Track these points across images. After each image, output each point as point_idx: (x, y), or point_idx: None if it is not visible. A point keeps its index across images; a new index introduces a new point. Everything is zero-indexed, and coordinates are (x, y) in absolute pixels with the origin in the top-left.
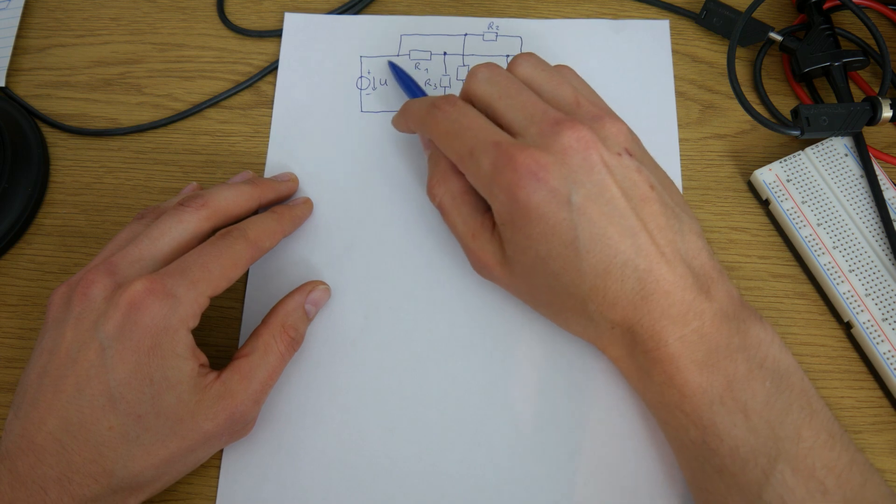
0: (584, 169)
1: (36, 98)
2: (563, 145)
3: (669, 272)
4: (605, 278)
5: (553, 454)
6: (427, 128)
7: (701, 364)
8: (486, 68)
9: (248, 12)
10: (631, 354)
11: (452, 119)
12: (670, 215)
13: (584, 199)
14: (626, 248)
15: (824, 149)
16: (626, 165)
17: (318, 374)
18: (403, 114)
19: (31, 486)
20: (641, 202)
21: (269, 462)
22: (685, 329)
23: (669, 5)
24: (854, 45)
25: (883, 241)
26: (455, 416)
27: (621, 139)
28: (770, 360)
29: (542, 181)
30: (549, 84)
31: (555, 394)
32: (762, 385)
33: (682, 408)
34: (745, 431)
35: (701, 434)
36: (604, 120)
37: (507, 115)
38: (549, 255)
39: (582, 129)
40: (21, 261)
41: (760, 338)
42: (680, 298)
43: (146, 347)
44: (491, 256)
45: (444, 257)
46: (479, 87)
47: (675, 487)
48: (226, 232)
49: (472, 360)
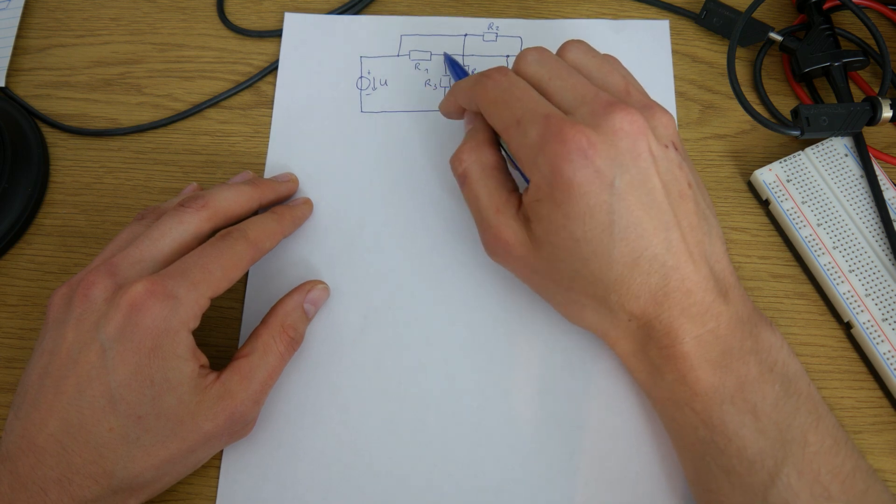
0: (632, 154)
1: (36, 98)
2: (614, 127)
3: (694, 272)
4: (632, 269)
5: (553, 454)
6: (476, 96)
7: (714, 364)
8: (536, 51)
9: (248, 12)
10: (643, 349)
11: (503, 87)
12: (701, 216)
13: (627, 186)
14: (658, 241)
15: (824, 149)
16: (671, 159)
17: (317, 374)
18: (452, 93)
19: (32, 487)
20: (679, 198)
21: (269, 462)
22: (702, 329)
23: (669, 5)
24: (854, 45)
25: (883, 241)
26: (455, 416)
27: (670, 132)
28: (780, 364)
29: (589, 159)
30: (600, 71)
31: (555, 394)
32: (772, 388)
33: (693, 405)
34: (754, 433)
35: (709, 433)
36: (654, 109)
37: (558, 94)
38: (583, 237)
39: (635, 113)
40: (21, 261)
41: (771, 342)
42: (700, 299)
43: (147, 349)
44: (513, 235)
45: (444, 257)
46: (530, 68)
47: (675, 488)
48: (226, 233)
49: (471, 360)
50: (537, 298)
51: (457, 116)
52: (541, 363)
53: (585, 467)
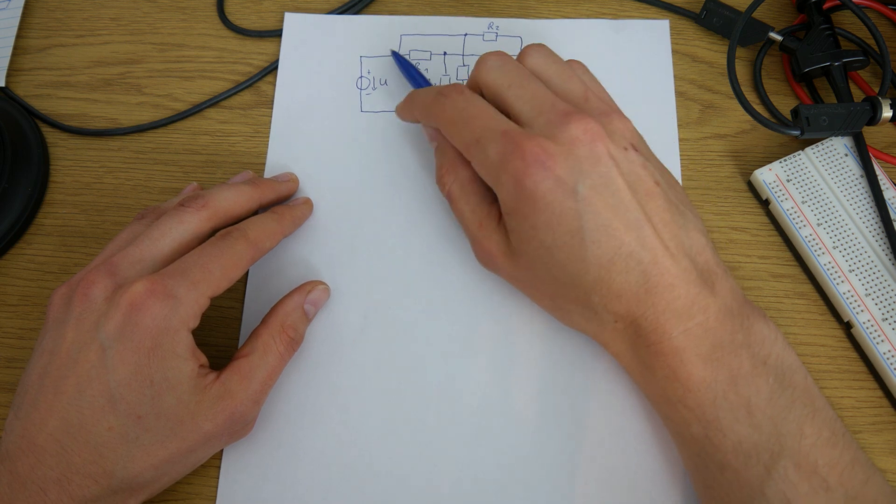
0: (591, 160)
1: (36, 98)
2: (570, 136)
3: (673, 265)
4: (609, 269)
5: (553, 454)
6: (433, 116)
7: (705, 358)
8: (497, 56)
9: (248, 12)
10: (633, 349)
11: (459, 107)
12: (674, 211)
13: (590, 190)
14: (631, 239)
15: (824, 149)
16: (632, 160)
17: (317, 374)
18: (409, 103)
19: (31, 486)
20: (646, 196)
21: (269, 462)
22: (689, 322)
23: (669, 5)
24: (854, 45)
25: (883, 241)
26: (455, 416)
27: (628, 135)
28: (773, 357)
29: (549, 170)
30: (559, 77)
31: (555, 393)
32: (765, 382)
33: (686, 402)
34: (748, 427)
35: (703, 429)
36: (611, 115)
37: (516, 104)
38: (553, 244)
39: (590, 121)
40: (21, 261)
41: (764, 335)
42: (684, 292)
43: (146, 348)
44: (496, 246)
45: (443, 257)
46: (489, 75)
47: (675, 486)
48: (226, 232)
49: (471, 360)
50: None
51: (413, 122)
52: (541, 363)
53: (585, 467)
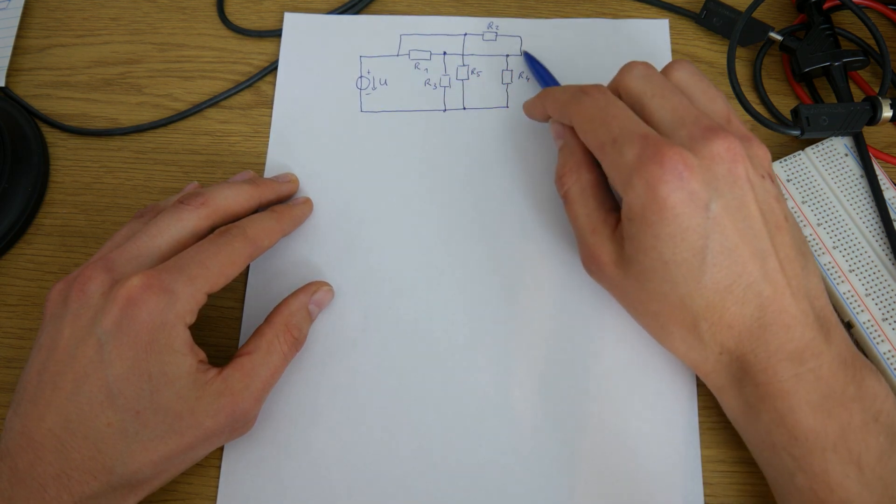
0: (729, 180)
1: (36, 98)
2: (711, 152)
3: (794, 305)
4: (725, 297)
5: (553, 454)
6: (571, 112)
7: (815, 407)
8: (643, 66)
9: (248, 12)
10: (738, 386)
11: (601, 106)
12: (799, 251)
13: (723, 210)
14: (755, 269)
15: (824, 149)
16: (768, 190)
17: (318, 374)
18: (542, 99)
19: (31, 483)
20: (776, 229)
21: (269, 461)
22: (801, 368)
23: (669, 5)
24: (854, 45)
25: (883, 241)
26: (455, 416)
27: (766, 164)
28: (884, 415)
29: (685, 181)
30: (704, 95)
31: (555, 394)
32: (876, 439)
33: (791, 451)
34: (858, 485)
35: (809, 481)
36: (753, 141)
37: (658, 113)
38: (672, 259)
39: (734, 140)
40: (21, 261)
41: (876, 391)
42: (799, 335)
43: (143, 343)
44: (607, 254)
45: (443, 257)
46: (634, 82)
47: (674, 487)
48: (225, 230)
49: (472, 360)
50: (537, 298)
51: (540, 120)
52: (541, 363)
53: (585, 467)
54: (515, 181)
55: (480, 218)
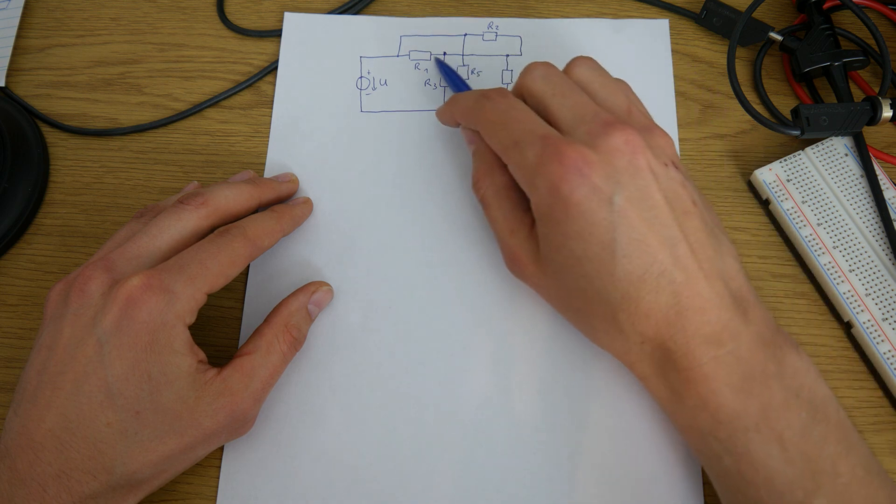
0: (630, 172)
1: (36, 98)
2: (610, 146)
3: (707, 288)
4: (639, 287)
5: (553, 454)
6: (475, 117)
7: (736, 388)
8: (543, 66)
9: (248, 12)
10: (662, 373)
11: (501, 109)
12: (710, 234)
13: (627, 202)
14: (665, 257)
15: (824, 149)
16: (672, 177)
17: (318, 374)
18: (451, 105)
19: (31, 483)
20: (684, 215)
21: (269, 461)
22: (720, 350)
23: (669, 5)
24: (854, 45)
25: (883, 241)
26: (455, 416)
27: (669, 152)
28: (806, 389)
29: (586, 177)
30: (604, 89)
31: (555, 394)
32: (798, 415)
33: (716, 434)
34: (782, 462)
35: (735, 463)
36: (654, 130)
37: (559, 112)
38: (584, 255)
39: (632, 132)
40: (21, 261)
41: (797, 366)
42: (716, 317)
43: (143, 343)
44: (526, 254)
45: (444, 257)
46: (535, 84)
47: (674, 487)
48: (224, 230)
49: (471, 360)
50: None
51: (451, 125)
52: (541, 363)
53: (585, 467)
54: None
55: (480, 218)
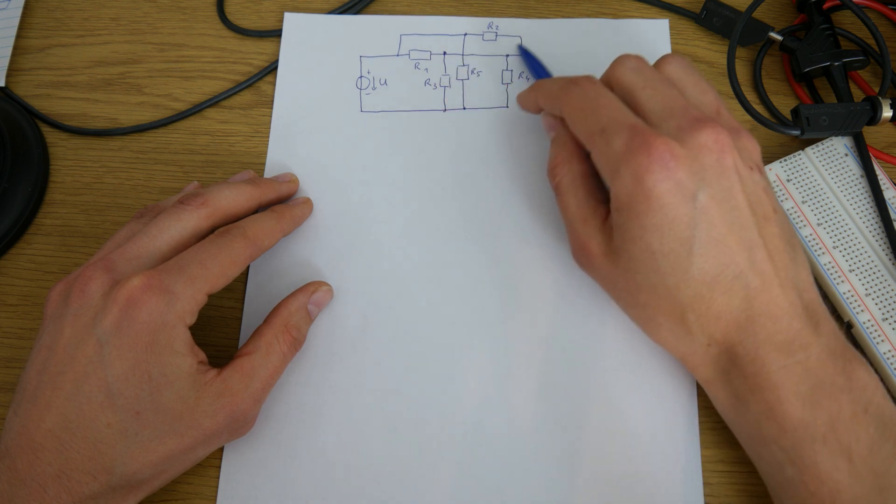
0: (716, 170)
1: (36, 98)
2: (699, 143)
3: (782, 296)
4: (712, 287)
5: (553, 454)
6: (561, 103)
7: (804, 398)
8: (635, 58)
9: (248, 12)
10: (726, 378)
11: (590, 96)
12: (787, 242)
13: (710, 200)
14: (742, 260)
15: (824, 149)
16: (756, 181)
17: (317, 374)
18: (535, 90)
19: (31, 483)
20: (764, 220)
21: (269, 461)
22: (790, 359)
23: (669, 5)
24: (854, 45)
25: (883, 241)
26: (455, 416)
27: (755, 156)
28: (874, 406)
29: (672, 171)
30: (695, 88)
31: (555, 394)
32: (866, 431)
33: (781, 443)
34: (848, 477)
35: (798, 473)
36: (742, 133)
37: (648, 104)
38: (660, 249)
39: (721, 131)
40: (21, 261)
41: (865, 381)
42: (787, 326)
43: (144, 343)
44: (596, 245)
45: (444, 257)
46: (625, 74)
47: (674, 487)
48: (225, 230)
49: (472, 360)
50: (537, 297)
51: (533, 111)
52: (541, 363)
53: (585, 467)
54: (515, 181)
55: (480, 218)
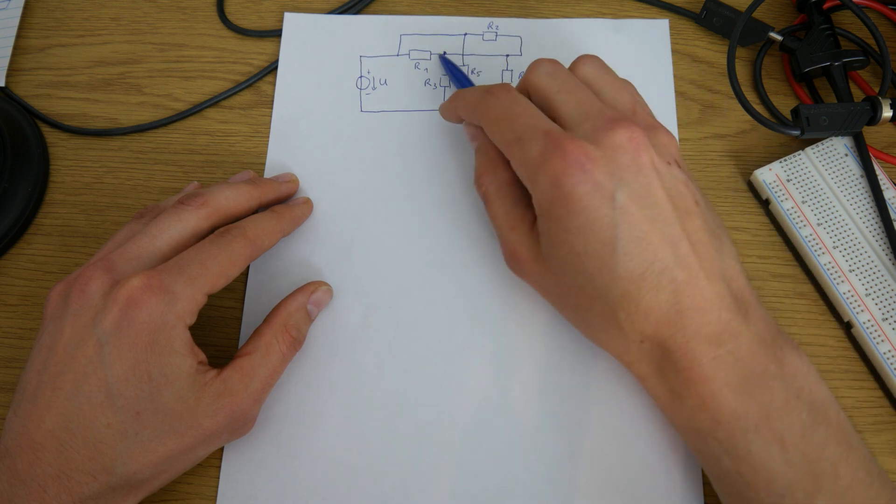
0: (633, 169)
1: (36, 98)
2: (614, 142)
3: (709, 288)
4: (639, 285)
5: (553, 454)
6: (478, 113)
7: (736, 389)
8: (549, 63)
9: (248, 12)
10: (661, 373)
11: (505, 105)
12: (712, 234)
13: (629, 199)
14: (666, 255)
15: (824, 149)
16: (675, 176)
17: (318, 374)
18: (454, 101)
19: (31, 483)
20: (686, 214)
21: (269, 461)
22: (720, 350)
23: (669, 5)
24: (854, 45)
25: (883, 241)
26: (455, 416)
27: (673, 151)
28: (806, 391)
29: (589, 173)
30: (610, 88)
31: (555, 394)
32: (798, 417)
33: (716, 435)
34: (782, 464)
35: (735, 464)
36: (658, 129)
37: (563, 108)
38: (584, 251)
39: (636, 130)
40: (21, 261)
41: (797, 367)
42: (716, 318)
43: (144, 344)
44: (525, 250)
45: (444, 256)
46: (540, 79)
47: (674, 487)
48: (225, 230)
49: (472, 360)
50: (536, 297)
51: (455, 122)
52: (541, 362)
53: (585, 467)
54: None
55: (480, 217)
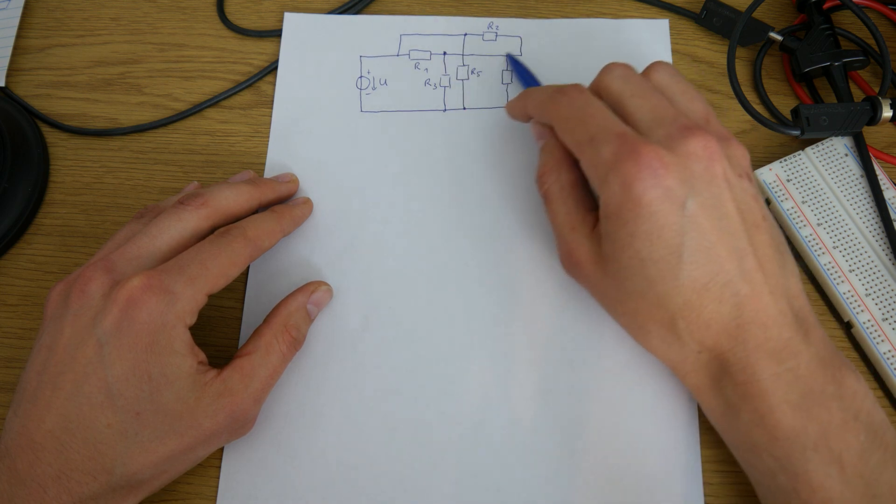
0: (705, 178)
1: (36, 98)
2: (688, 150)
3: (772, 304)
4: (702, 295)
5: (553, 454)
6: (549, 112)
7: (795, 406)
8: (623, 67)
9: (248, 12)
10: (717, 386)
11: (578, 105)
12: (777, 250)
13: (699, 208)
14: (732, 268)
15: (824, 149)
16: (745, 189)
17: (318, 374)
18: (523, 98)
19: (30, 483)
20: (754, 228)
21: (269, 461)
22: (780, 367)
23: (669, 5)
24: (854, 45)
25: (883, 241)
26: (455, 416)
27: (745, 164)
28: (864, 413)
29: (661, 178)
30: (683, 96)
31: (555, 394)
32: (856, 438)
33: (772, 451)
34: (840, 483)
35: (791, 481)
36: (731, 141)
37: (637, 113)
38: (649, 257)
39: (711, 139)
40: (21, 261)
41: (855, 389)
42: (777, 334)
43: (144, 344)
44: (585, 252)
45: (444, 257)
46: (613, 83)
47: (674, 487)
48: (225, 230)
49: (472, 360)
50: (537, 297)
51: (522, 120)
52: (541, 363)
53: (585, 467)
54: (515, 181)
55: (480, 218)
